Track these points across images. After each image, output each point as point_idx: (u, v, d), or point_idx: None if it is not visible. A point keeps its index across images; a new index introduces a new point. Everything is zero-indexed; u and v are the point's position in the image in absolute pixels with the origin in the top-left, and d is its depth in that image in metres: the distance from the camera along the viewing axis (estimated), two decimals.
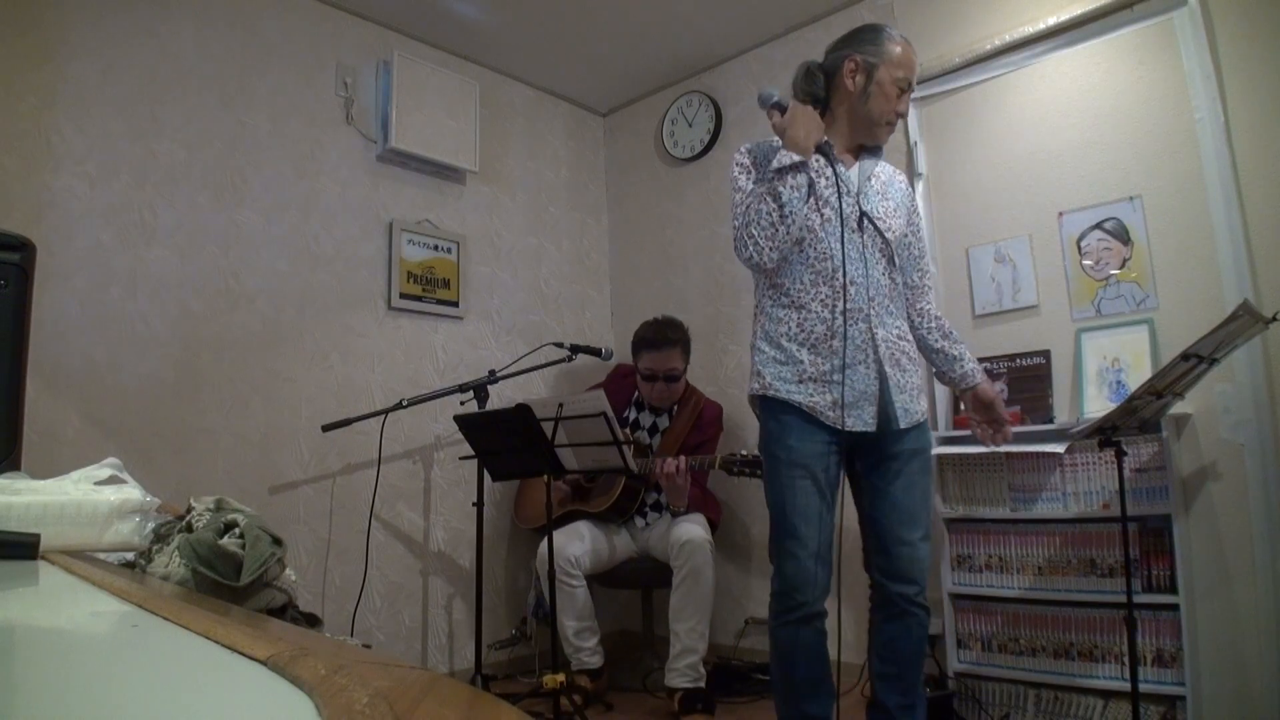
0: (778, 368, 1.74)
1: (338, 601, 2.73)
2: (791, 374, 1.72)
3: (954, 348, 1.89)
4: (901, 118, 1.80)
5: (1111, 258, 2.43)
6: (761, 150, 1.81)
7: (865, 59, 1.76)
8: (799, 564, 1.69)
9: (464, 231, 3.32)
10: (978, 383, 1.88)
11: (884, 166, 1.88)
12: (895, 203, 1.83)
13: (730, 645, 3.11)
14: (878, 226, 1.77)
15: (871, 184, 1.81)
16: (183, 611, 0.67)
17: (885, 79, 1.75)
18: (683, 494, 2.69)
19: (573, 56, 3.51)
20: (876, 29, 1.80)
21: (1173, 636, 2.08)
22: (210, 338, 2.58)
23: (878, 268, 1.75)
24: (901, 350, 1.77)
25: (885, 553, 1.74)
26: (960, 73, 2.77)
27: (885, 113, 1.77)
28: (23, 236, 1.62)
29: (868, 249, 1.74)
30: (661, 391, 2.94)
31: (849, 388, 1.70)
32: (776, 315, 1.76)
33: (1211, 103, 2.25)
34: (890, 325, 1.76)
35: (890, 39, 1.77)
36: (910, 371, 1.78)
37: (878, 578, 1.77)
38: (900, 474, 1.75)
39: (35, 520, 1.14)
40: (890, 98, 1.76)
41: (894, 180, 1.87)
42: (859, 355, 1.71)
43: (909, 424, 1.75)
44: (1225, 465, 2.18)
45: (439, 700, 0.42)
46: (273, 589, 1.22)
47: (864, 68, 1.76)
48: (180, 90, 2.59)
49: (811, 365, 1.71)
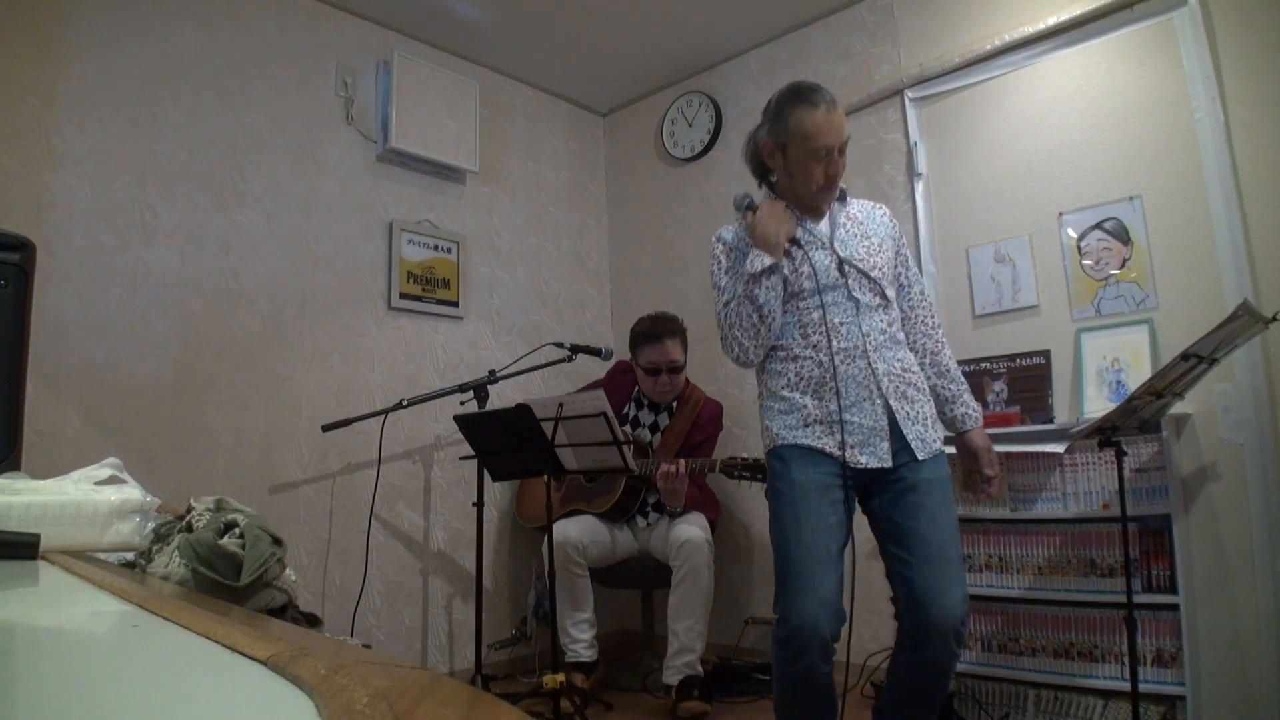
0: (783, 418, 1.73)
1: (338, 601, 2.73)
2: (797, 420, 1.70)
3: (947, 388, 1.80)
4: (839, 175, 1.72)
5: (1111, 258, 2.43)
6: (735, 241, 1.81)
7: (773, 141, 1.72)
8: (804, 613, 1.56)
9: (464, 231, 3.32)
10: (967, 429, 1.80)
11: (860, 206, 1.85)
12: (879, 239, 1.79)
13: (730, 645, 3.11)
14: (860, 268, 1.73)
15: (846, 228, 1.78)
16: (183, 611, 0.67)
17: (797, 155, 1.68)
18: (679, 496, 2.69)
19: (573, 56, 3.51)
20: (783, 102, 1.70)
21: (1173, 636, 2.08)
22: (210, 338, 2.58)
23: (870, 308, 1.72)
24: (907, 382, 1.71)
25: (917, 602, 1.59)
26: (960, 73, 2.77)
27: (812, 185, 1.71)
28: (23, 236, 1.62)
29: (855, 292, 1.71)
30: (665, 385, 2.93)
31: (858, 426, 1.66)
32: (775, 370, 1.76)
33: (1211, 103, 2.25)
34: (891, 359, 1.71)
35: (795, 111, 1.67)
36: (919, 402, 1.72)
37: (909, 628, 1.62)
38: (921, 507, 1.63)
39: (35, 520, 1.14)
40: (810, 173, 1.69)
41: (873, 215, 1.84)
42: (862, 393, 1.67)
43: (927, 454, 1.67)
44: (1225, 465, 2.18)
45: (439, 700, 0.42)
46: (273, 589, 1.22)
47: (777, 149, 1.72)
48: (180, 90, 2.59)
49: (816, 409, 1.68)
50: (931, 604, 1.57)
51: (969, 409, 1.81)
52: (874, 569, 2.72)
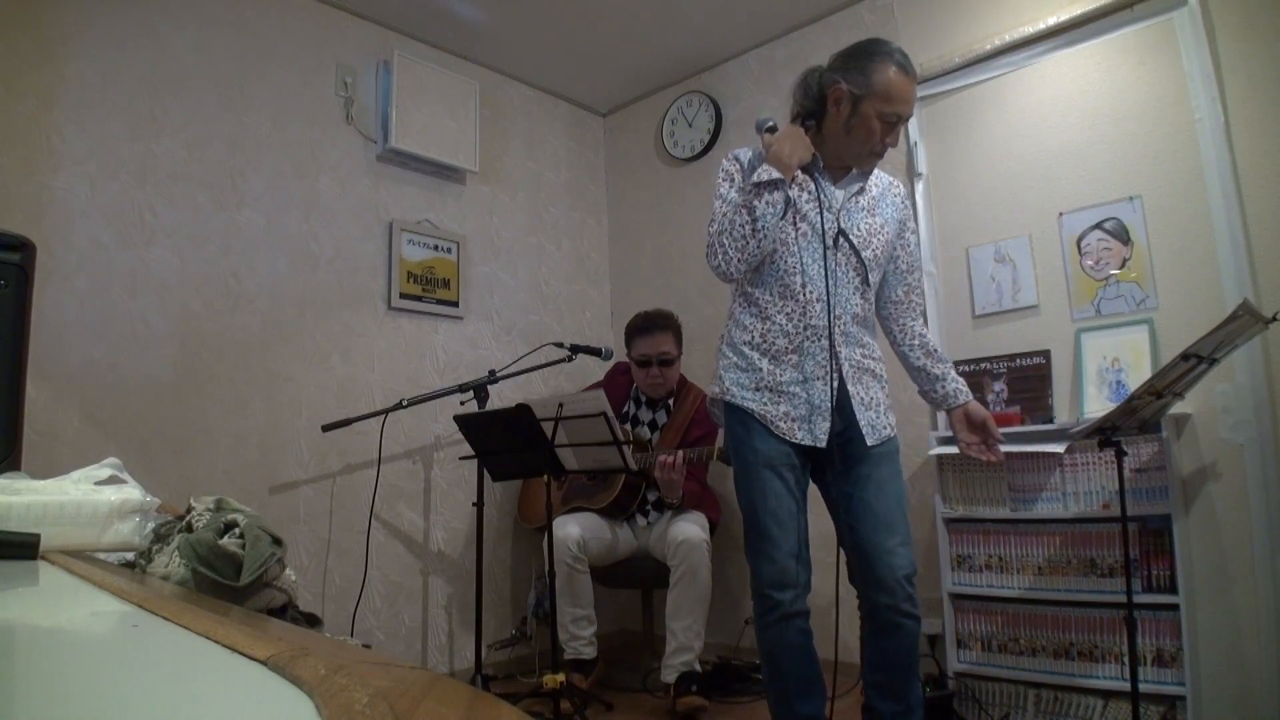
0: (737, 374, 1.77)
1: (338, 601, 2.73)
2: (749, 380, 1.75)
3: (935, 366, 1.83)
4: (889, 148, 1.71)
5: (1111, 258, 2.43)
6: (750, 160, 1.80)
7: (850, 89, 1.66)
8: (774, 564, 1.68)
9: (464, 231, 3.32)
10: (962, 403, 1.81)
11: (879, 179, 1.83)
12: (883, 219, 1.78)
13: (730, 645, 3.11)
14: (853, 245, 1.73)
15: (858, 200, 1.77)
16: (183, 611, 0.67)
17: (869, 113, 1.65)
18: (676, 488, 2.68)
19: (573, 56, 3.51)
20: (871, 53, 1.67)
21: (1173, 636, 2.08)
22: (210, 338, 2.58)
23: (849, 286, 1.73)
24: (866, 369, 1.76)
25: (865, 562, 1.69)
26: (960, 73, 2.77)
27: (867, 146, 1.70)
28: (23, 236, 1.62)
29: (840, 267, 1.72)
30: (656, 378, 2.93)
31: (804, 401, 1.70)
32: (743, 322, 1.78)
33: (1211, 103, 2.25)
34: (855, 345, 1.75)
35: (883, 67, 1.64)
36: (874, 387, 1.77)
37: (862, 590, 1.73)
38: (869, 478, 1.71)
39: (35, 520, 1.14)
40: (874, 132, 1.67)
41: (887, 193, 1.82)
42: (818, 371, 1.71)
43: (876, 440, 1.72)
44: (1225, 465, 2.18)
45: (439, 700, 0.42)
46: (273, 589, 1.22)
47: (849, 97, 1.68)
48: (180, 90, 2.59)
49: (769, 375, 1.72)
50: (878, 561, 1.66)
51: (959, 384, 1.83)
52: None
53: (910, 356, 1.85)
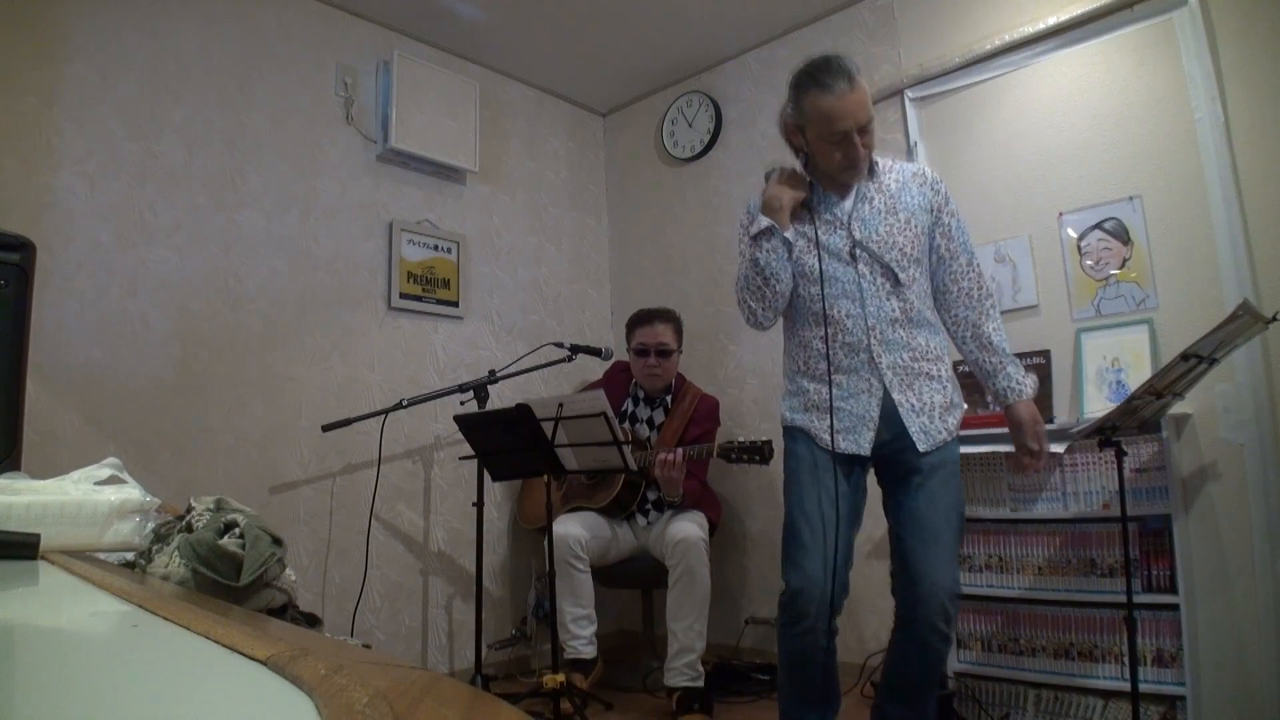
0: (790, 399, 1.84)
1: (338, 601, 2.73)
2: (799, 404, 1.81)
3: (989, 360, 1.76)
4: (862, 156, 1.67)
5: (1111, 258, 2.43)
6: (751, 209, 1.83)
7: (794, 123, 1.71)
8: (803, 573, 1.67)
9: (464, 231, 3.32)
10: (1009, 403, 1.75)
11: (899, 172, 1.79)
12: (907, 213, 1.74)
13: (730, 645, 3.11)
14: (872, 252, 1.71)
15: (872, 204, 1.75)
16: (183, 611, 0.67)
17: (814, 138, 1.68)
18: (676, 485, 2.67)
19: (573, 56, 3.51)
20: (797, 84, 1.67)
21: (1173, 636, 2.08)
22: (210, 338, 2.58)
23: (879, 295, 1.71)
24: (919, 372, 1.71)
25: (908, 575, 1.67)
26: (960, 73, 2.77)
27: (835, 166, 1.69)
28: (23, 236, 1.62)
29: (864, 279, 1.71)
30: (653, 368, 2.93)
31: (848, 414, 1.73)
32: (791, 352, 1.86)
33: (1211, 103, 2.25)
34: (901, 349, 1.71)
35: (808, 95, 1.64)
36: (929, 391, 1.71)
37: (900, 599, 1.71)
38: (921, 488, 1.69)
39: (35, 520, 1.14)
40: (828, 154, 1.67)
41: (909, 185, 1.77)
42: (860, 385, 1.72)
43: (929, 446, 1.69)
44: (1225, 465, 2.18)
45: (439, 700, 0.42)
46: (273, 589, 1.22)
47: (796, 131, 1.72)
48: (180, 90, 2.59)
49: (815, 394, 1.77)
50: (922, 577, 1.64)
51: (1011, 381, 1.75)
52: (875, 569, 2.73)
53: (963, 348, 1.81)
